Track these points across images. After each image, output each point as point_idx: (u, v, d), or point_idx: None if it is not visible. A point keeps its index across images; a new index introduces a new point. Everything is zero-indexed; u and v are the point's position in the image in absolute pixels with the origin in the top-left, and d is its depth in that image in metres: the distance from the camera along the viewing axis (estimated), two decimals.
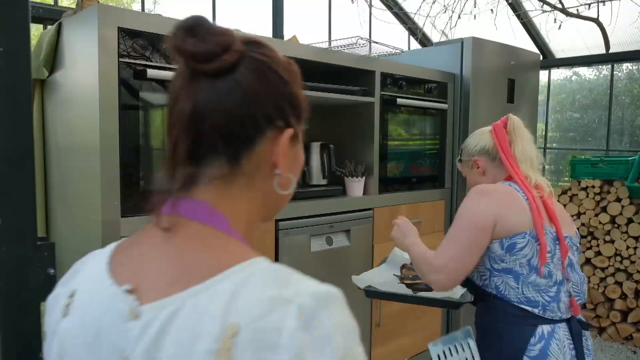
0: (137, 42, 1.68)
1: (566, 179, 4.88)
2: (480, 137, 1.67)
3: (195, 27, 0.60)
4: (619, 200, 3.78)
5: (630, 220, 3.74)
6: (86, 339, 0.59)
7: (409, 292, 1.79)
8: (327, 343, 0.51)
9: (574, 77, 5.63)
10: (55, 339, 0.63)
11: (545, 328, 1.41)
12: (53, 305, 0.66)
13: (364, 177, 2.55)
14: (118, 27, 1.62)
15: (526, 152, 1.59)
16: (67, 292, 0.64)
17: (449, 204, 3.07)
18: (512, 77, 3.22)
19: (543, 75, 4.94)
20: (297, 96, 0.66)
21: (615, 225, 3.78)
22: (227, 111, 0.60)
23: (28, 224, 0.70)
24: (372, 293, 1.82)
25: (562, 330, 1.43)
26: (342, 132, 2.71)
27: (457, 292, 1.71)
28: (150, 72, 1.67)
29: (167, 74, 1.72)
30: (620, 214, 3.76)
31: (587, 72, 5.18)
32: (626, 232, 3.75)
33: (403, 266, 1.97)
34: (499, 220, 1.43)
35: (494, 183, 1.60)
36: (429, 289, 1.74)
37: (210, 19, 0.60)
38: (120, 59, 1.64)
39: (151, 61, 1.71)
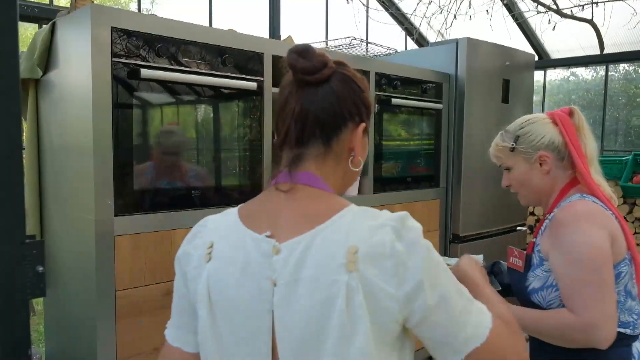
0: (130, 42, 1.68)
1: None
2: (545, 127, 1.39)
3: (304, 51, 0.84)
4: None
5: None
6: (234, 274, 0.82)
7: None
8: (415, 244, 0.77)
9: (571, 78, 5.64)
10: (200, 281, 0.86)
11: (637, 345, 1.34)
12: (186, 259, 0.91)
13: (358, 177, 2.55)
14: (111, 27, 1.63)
15: (593, 152, 1.37)
16: (202, 246, 0.88)
17: (444, 203, 3.08)
18: (507, 77, 3.23)
19: (539, 75, 4.96)
20: (368, 100, 0.91)
21: None
22: (323, 109, 0.85)
23: (16, 221, 0.71)
24: None
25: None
26: None
27: None
28: (144, 72, 1.68)
29: (160, 74, 1.72)
30: None
31: (584, 73, 5.20)
32: None
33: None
34: (612, 246, 1.26)
35: (552, 189, 1.40)
36: None
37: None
38: (114, 59, 1.64)
39: (146, 61, 1.72)
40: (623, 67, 4.96)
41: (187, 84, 1.83)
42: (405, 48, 4.58)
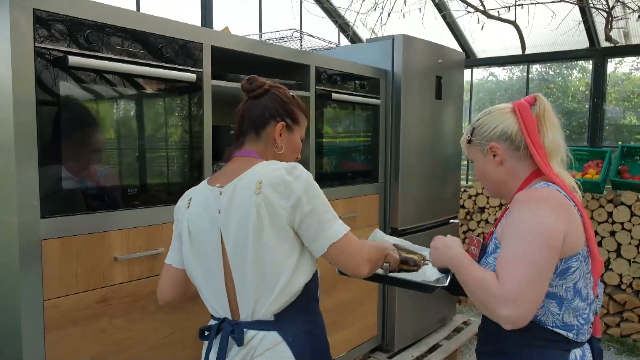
0: (56, 28, 1.53)
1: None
2: (500, 118, 1.37)
3: (250, 79, 1.45)
4: None
5: None
6: (200, 210, 1.35)
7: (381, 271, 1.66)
8: (299, 177, 1.26)
9: (490, 78, 5.92)
10: (184, 221, 1.38)
11: (577, 352, 1.28)
12: (178, 209, 1.44)
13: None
14: (34, 9, 1.47)
15: (556, 143, 1.33)
16: (186, 201, 1.41)
17: (383, 197, 3.11)
18: (440, 74, 3.32)
19: (467, 74, 5.16)
20: (290, 109, 1.44)
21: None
22: (254, 113, 1.41)
23: None
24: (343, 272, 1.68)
25: (588, 352, 1.32)
26: None
27: (433, 276, 1.61)
28: (73, 60, 1.53)
29: (91, 62, 1.58)
30: None
31: (502, 73, 5.47)
32: None
33: None
34: (565, 238, 1.21)
35: (513, 179, 1.37)
36: (412, 269, 1.61)
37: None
38: (37, 45, 1.49)
39: (74, 48, 1.57)
40: (536, 68, 5.27)
41: (122, 74, 1.70)
42: (339, 44, 4.59)
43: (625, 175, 3.92)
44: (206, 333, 1.36)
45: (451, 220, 3.56)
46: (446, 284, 1.50)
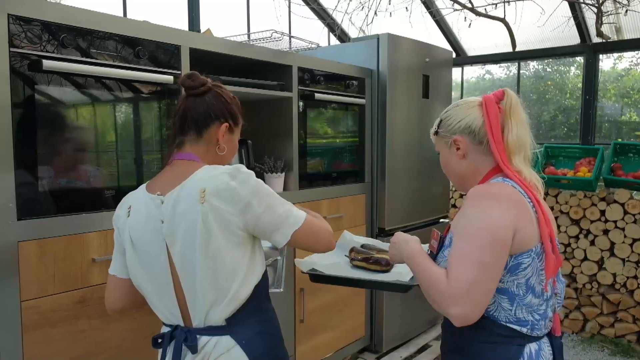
0: (31, 32, 1.55)
1: None
2: (466, 111, 1.36)
3: (192, 75, 1.36)
4: None
5: None
6: (141, 222, 1.28)
7: (356, 274, 1.68)
8: (245, 181, 1.22)
9: (486, 76, 5.93)
10: (125, 231, 1.31)
11: (532, 347, 1.27)
12: (118, 218, 1.35)
13: (283, 173, 2.53)
14: (8, 14, 1.49)
15: (521, 139, 1.30)
16: (125, 209, 1.33)
17: (369, 197, 3.12)
18: (427, 73, 3.33)
19: (457, 72, 5.16)
20: (233, 110, 1.39)
21: None
22: (198, 112, 1.33)
23: None
24: (316, 277, 1.68)
25: (546, 346, 1.30)
26: (261, 127, 2.67)
27: (407, 274, 1.60)
28: (47, 64, 1.55)
29: (66, 66, 1.60)
30: None
31: (498, 71, 5.48)
32: None
33: (352, 249, 1.81)
34: (515, 235, 1.19)
35: (474, 173, 1.36)
36: (384, 269, 1.61)
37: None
38: (12, 49, 1.51)
39: (49, 52, 1.59)
40: (533, 65, 5.27)
41: (97, 77, 1.71)
42: (329, 43, 4.60)
43: (618, 173, 3.89)
44: (159, 341, 1.33)
45: (441, 220, 3.57)
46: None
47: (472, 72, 5.40)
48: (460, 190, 1.49)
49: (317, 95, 2.62)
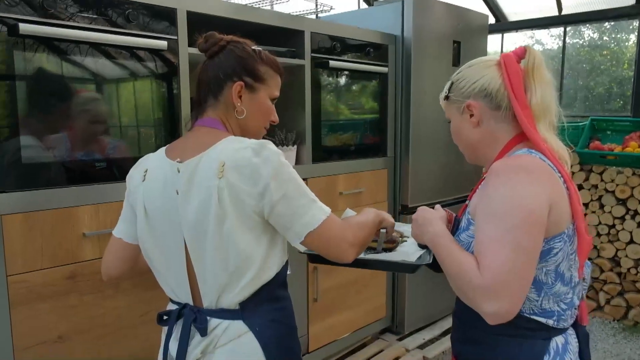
0: None
1: None
2: (482, 71, 1.19)
3: (207, 36, 1.24)
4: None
5: (580, 187, 3.70)
6: (158, 189, 1.18)
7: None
8: (268, 159, 1.10)
9: (535, 47, 5.52)
10: (139, 195, 1.22)
11: (558, 341, 1.14)
12: (131, 179, 1.27)
13: (295, 146, 2.40)
14: None
15: (546, 102, 1.14)
16: (141, 171, 1.24)
17: (392, 172, 2.95)
18: (458, 39, 3.08)
19: (496, 39, 4.83)
20: (250, 65, 1.23)
21: None
22: (209, 75, 1.23)
23: None
24: (314, 257, 1.48)
25: (572, 338, 1.18)
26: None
27: (414, 254, 1.46)
28: (24, 27, 1.46)
29: (43, 29, 1.51)
30: None
31: (549, 40, 5.09)
32: None
33: None
34: (550, 214, 1.04)
35: (490, 143, 1.20)
36: (389, 247, 1.47)
37: None
38: None
39: (28, 15, 1.50)
40: (588, 34, 4.87)
41: (80, 42, 1.62)
42: (358, 7, 4.38)
43: None
44: (165, 317, 1.25)
45: None
46: (429, 260, 1.33)
47: (517, 41, 5.03)
48: (472, 162, 1.31)
49: (331, 63, 2.45)
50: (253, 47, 1.26)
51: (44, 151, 1.58)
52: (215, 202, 1.09)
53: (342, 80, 2.63)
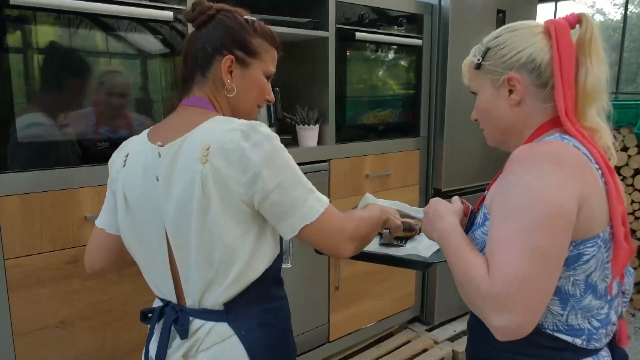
0: None
1: None
2: (530, 39, 0.99)
3: (194, 3, 1.12)
4: (625, 149, 3.40)
5: (637, 172, 3.38)
6: (138, 173, 1.07)
7: (373, 247, 1.40)
8: (259, 143, 0.97)
9: (596, 16, 5.10)
10: (119, 181, 1.11)
11: None
12: (113, 164, 1.15)
13: (317, 125, 2.24)
14: None
15: (601, 84, 0.97)
16: (122, 155, 1.12)
17: (425, 154, 2.75)
18: (503, 8, 2.80)
19: (549, 10, 4.45)
20: (242, 37, 1.09)
21: (620, 177, 3.43)
22: (197, 48, 1.10)
23: None
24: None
25: None
26: (292, 73, 2.39)
27: (429, 248, 1.33)
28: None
29: (35, 0, 1.41)
30: (627, 164, 3.40)
31: (612, 10, 4.66)
32: (632, 185, 3.40)
33: None
34: (580, 213, 0.87)
35: (523, 127, 1.02)
36: (408, 235, 1.34)
37: None
38: None
39: None
40: None
41: (73, 13, 1.51)
42: None
43: None
44: (149, 315, 1.16)
45: None
46: (445, 259, 1.14)
47: (573, 12, 4.61)
48: (497, 146, 1.12)
49: (358, 35, 2.26)
50: (245, 17, 1.12)
51: (42, 131, 1.50)
52: (199, 190, 0.97)
53: (371, 53, 2.43)
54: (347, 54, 2.29)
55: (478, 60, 1.04)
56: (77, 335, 1.63)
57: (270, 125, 2.21)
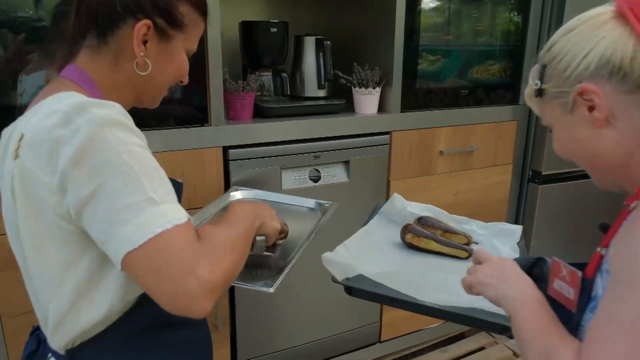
0: None
1: None
2: (596, 33, 0.71)
3: None
4: None
5: None
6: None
7: (418, 261, 1.13)
8: (79, 130, 0.67)
9: None
10: None
11: None
12: None
13: (379, 88, 1.82)
14: None
15: None
16: None
17: (524, 126, 2.20)
18: None
19: None
20: (167, 2, 0.80)
21: None
22: (99, 1, 0.79)
23: None
24: (359, 292, 0.98)
25: None
26: (350, 23, 1.98)
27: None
28: None
29: None
30: None
31: None
32: None
33: (406, 227, 1.19)
34: None
35: (634, 152, 0.71)
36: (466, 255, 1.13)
37: None
38: None
39: None
40: None
41: None
42: None
43: None
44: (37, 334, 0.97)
45: None
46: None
47: None
48: (606, 187, 0.80)
49: None
50: None
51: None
52: (10, 198, 0.75)
53: None
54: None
55: (537, 85, 0.78)
56: None
57: (319, 87, 1.82)
